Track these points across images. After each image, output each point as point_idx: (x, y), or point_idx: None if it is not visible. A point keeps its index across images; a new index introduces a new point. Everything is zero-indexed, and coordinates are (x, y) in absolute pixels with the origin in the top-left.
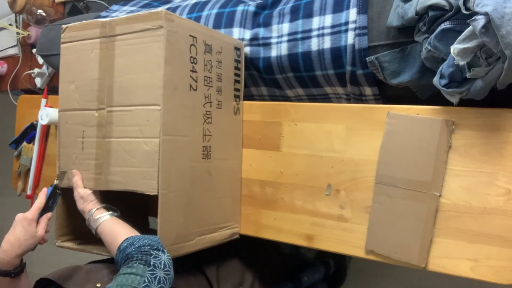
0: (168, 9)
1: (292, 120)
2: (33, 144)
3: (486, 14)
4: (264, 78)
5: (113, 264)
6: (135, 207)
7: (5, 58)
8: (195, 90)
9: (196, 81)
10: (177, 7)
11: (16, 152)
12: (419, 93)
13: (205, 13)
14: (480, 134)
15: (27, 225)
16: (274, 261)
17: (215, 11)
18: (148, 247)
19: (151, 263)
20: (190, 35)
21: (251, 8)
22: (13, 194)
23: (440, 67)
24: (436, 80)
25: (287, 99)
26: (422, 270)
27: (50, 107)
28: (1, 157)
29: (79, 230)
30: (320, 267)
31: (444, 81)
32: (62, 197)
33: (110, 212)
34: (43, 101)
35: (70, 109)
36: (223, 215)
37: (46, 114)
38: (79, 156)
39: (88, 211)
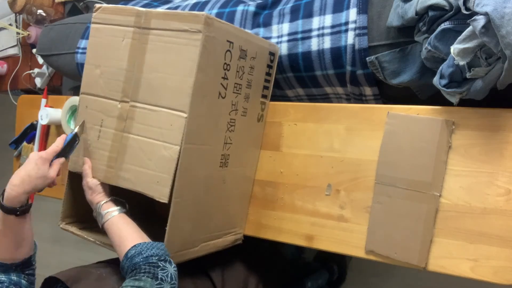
0: (168, 9)
1: (292, 120)
2: (33, 144)
3: (486, 14)
4: None
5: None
6: (142, 196)
7: (5, 58)
8: (223, 97)
9: (225, 88)
10: (177, 7)
11: (16, 152)
12: (419, 93)
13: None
14: (480, 134)
15: (40, 163)
16: (278, 266)
17: (215, 11)
18: (156, 258)
19: (159, 276)
20: (228, 41)
21: (251, 8)
22: None
23: (440, 67)
24: (436, 80)
25: (287, 99)
26: (422, 270)
27: (50, 107)
28: (1, 157)
29: (84, 215)
30: (323, 273)
31: (444, 81)
32: (70, 181)
33: (119, 208)
34: (43, 101)
35: (92, 94)
36: (230, 221)
37: (46, 114)
38: (93, 144)
39: (96, 203)
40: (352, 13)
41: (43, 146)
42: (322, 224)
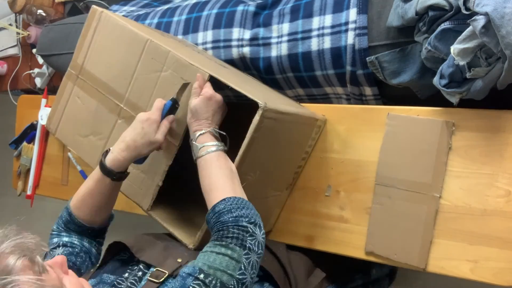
0: (168, 9)
1: None
2: (33, 144)
3: (486, 14)
4: (264, 78)
5: None
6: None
7: (5, 58)
8: None
9: None
10: (177, 7)
11: (16, 152)
12: (419, 93)
13: (205, 13)
14: (480, 136)
15: (147, 126)
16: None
17: (215, 11)
18: (246, 220)
19: (247, 245)
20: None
21: (251, 8)
22: (13, 194)
23: (440, 67)
24: (436, 80)
25: None
26: (422, 272)
27: (50, 107)
28: (1, 157)
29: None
30: None
31: (444, 81)
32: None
33: (217, 144)
34: (43, 101)
35: None
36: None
37: (46, 114)
38: None
39: (194, 131)
40: (352, 13)
41: (43, 146)
42: (322, 225)
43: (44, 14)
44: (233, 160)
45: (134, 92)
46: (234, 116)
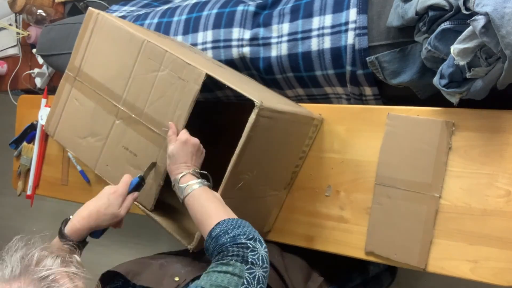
0: (168, 9)
1: None
2: (33, 144)
3: (486, 14)
4: (264, 78)
5: (183, 257)
6: None
7: (5, 58)
8: None
9: None
10: (177, 7)
11: (16, 152)
12: (419, 93)
13: (205, 13)
14: (480, 136)
15: (113, 198)
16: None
17: (215, 11)
18: (244, 237)
19: (249, 260)
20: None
21: (251, 8)
22: (13, 194)
23: (440, 67)
24: (436, 80)
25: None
26: (422, 271)
27: (50, 107)
28: (1, 157)
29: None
30: None
31: (444, 81)
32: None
33: (200, 180)
34: (43, 101)
35: None
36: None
37: (46, 114)
38: None
39: (176, 175)
40: (352, 13)
41: (43, 146)
42: (322, 225)
43: (44, 14)
44: (230, 159)
45: (131, 93)
46: (235, 116)
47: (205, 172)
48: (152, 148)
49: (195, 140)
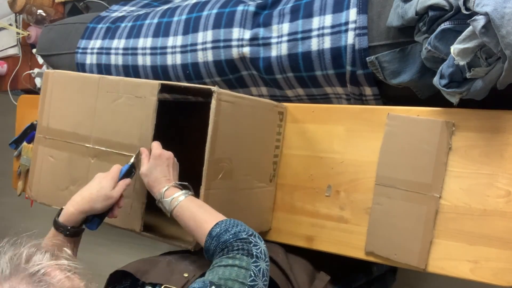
0: (168, 9)
1: (292, 121)
2: (33, 144)
3: (486, 14)
4: (264, 78)
5: (189, 254)
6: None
7: (5, 58)
8: None
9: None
10: (177, 7)
11: (16, 152)
12: (419, 93)
13: (205, 13)
14: (480, 136)
15: (105, 181)
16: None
17: (215, 11)
18: (245, 234)
19: (254, 253)
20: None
21: (251, 8)
22: (13, 194)
23: (440, 67)
24: (436, 80)
25: (287, 99)
26: (422, 272)
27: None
28: (1, 157)
29: None
30: None
31: (444, 81)
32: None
33: (184, 191)
34: None
35: None
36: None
37: None
38: None
39: (158, 190)
40: (352, 13)
41: None
42: (322, 225)
43: (44, 14)
44: (202, 161)
45: (98, 129)
46: (197, 118)
47: (186, 183)
48: None
49: (169, 153)
